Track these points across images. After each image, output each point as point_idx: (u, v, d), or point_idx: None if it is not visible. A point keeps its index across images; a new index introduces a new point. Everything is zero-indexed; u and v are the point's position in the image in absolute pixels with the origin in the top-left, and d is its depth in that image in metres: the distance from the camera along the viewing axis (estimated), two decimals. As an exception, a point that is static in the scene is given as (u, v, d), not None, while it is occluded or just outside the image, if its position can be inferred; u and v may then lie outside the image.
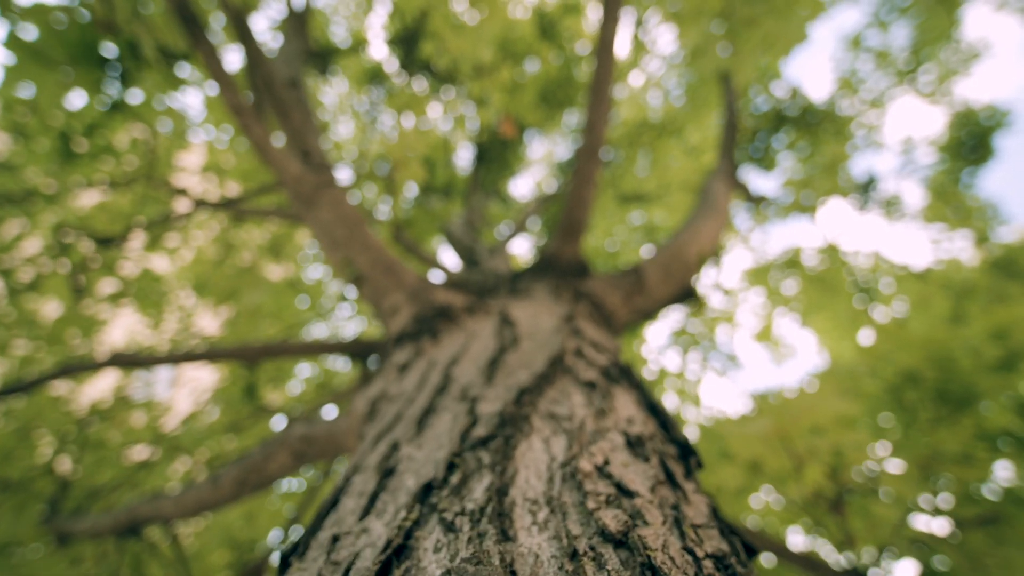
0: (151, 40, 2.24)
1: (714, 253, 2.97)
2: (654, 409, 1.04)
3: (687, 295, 2.63)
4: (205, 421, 3.94)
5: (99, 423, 3.64)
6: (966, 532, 2.49)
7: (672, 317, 5.12)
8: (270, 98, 2.24)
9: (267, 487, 1.82)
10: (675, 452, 0.86)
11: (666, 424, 0.97)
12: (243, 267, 3.89)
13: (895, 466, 2.82)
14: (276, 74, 2.38)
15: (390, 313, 1.92)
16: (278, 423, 4.36)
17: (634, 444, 0.79)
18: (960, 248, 5.83)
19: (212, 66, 1.92)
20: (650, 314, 2.56)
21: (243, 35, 2.32)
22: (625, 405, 0.98)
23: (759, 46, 2.97)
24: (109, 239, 2.72)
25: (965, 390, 3.11)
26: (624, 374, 1.24)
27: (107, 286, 3.95)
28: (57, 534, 2.80)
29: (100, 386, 5.06)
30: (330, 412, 3.82)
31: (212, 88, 3.71)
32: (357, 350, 2.37)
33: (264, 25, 4.57)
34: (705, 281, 4.80)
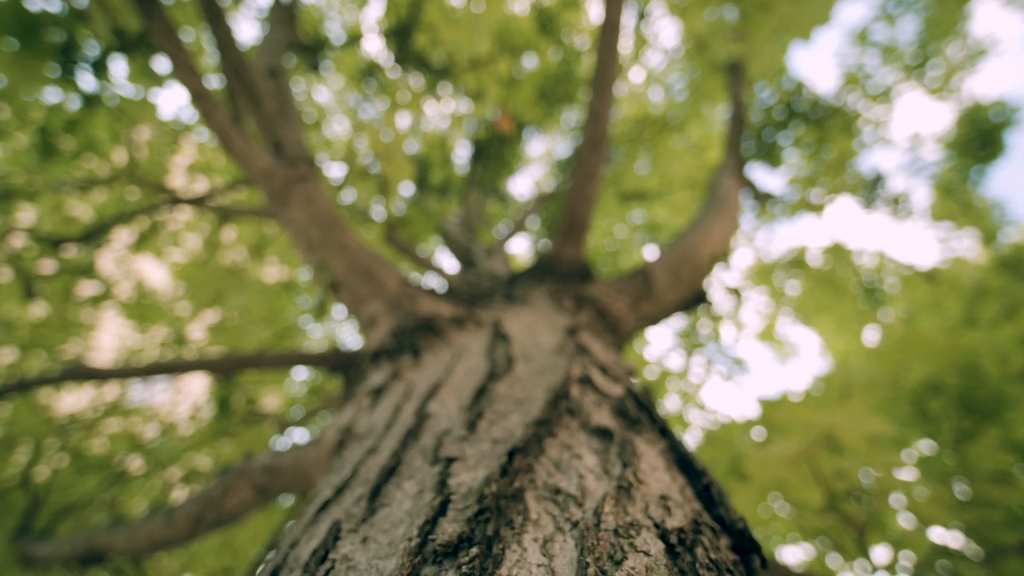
0: (106, 20, 1.96)
1: (725, 253, 2.70)
2: (689, 468, 0.76)
3: (698, 299, 2.35)
4: (188, 430, 3.67)
5: (78, 433, 3.37)
6: (1003, 558, 2.21)
7: (675, 318, 4.83)
8: (240, 86, 1.96)
9: (227, 524, 1.55)
10: (730, 551, 0.58)
11: (710, 494, 0.69)
12: (228, 269, 3.61)
13: (920, 481, 2.54)
14: (249, 60, 2.10)
15: (368, 324, 1.64)
16: (270, 429, 4.09)
17: (677, 551, 0.51)
18: (967, 247, 5.55)
19: (167, 45, 1.64)
20: (658, 320, 2.28)
21: (211, 15, 2.03)
22: (653, 468, 0.70)
23: (775, 32, 2.68)
24: (62, 241, 2.44)
25: (992, 399, 2.83)
26: (643, 410, 0.96)
27: (87, 289, 3.67)
28: (22, 556, 2.53)
29: (90, 392, 4.78)
30: (318, 429, 3.55)
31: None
32: (339, 362, 2.09)
33: (251, 14, 4.27)
34: (716, 284, 4.49)
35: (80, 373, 2.16)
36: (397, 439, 0.86)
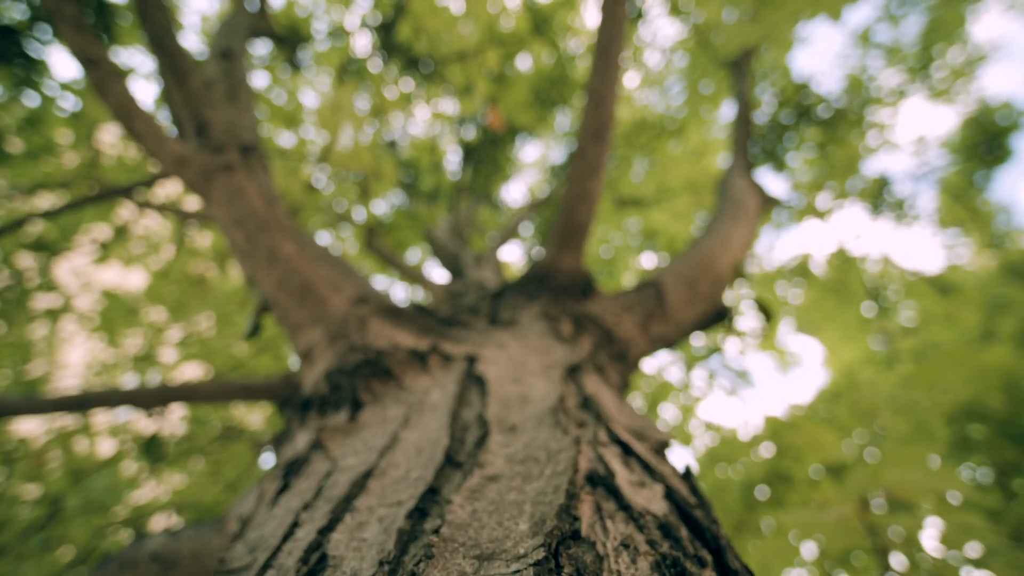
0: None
1: (743, 262, 2.28)
2: None
3: (718, 316, 1.92)
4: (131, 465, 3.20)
5: (23, 462, 2.91)
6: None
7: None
8: (162, 56, 1.51)
9: (108, 631, 1.11)
10: None
11: None
12: (194, 278, 3.15)
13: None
14: (177, 26, 1.67)
15: (305, 358, 1.20)
16: (258, 436, 3.64)
17: None
18: (974, 253, 5.15)
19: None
20: (673, 343, 1.85)
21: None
22: None
23: (797, 11, 2.27)
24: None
25: (1041, 426, 2.40)
26: (702, 544, 0.52)
27: (43, 303, 3.22)
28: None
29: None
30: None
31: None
32: (288, 394, 1.64)
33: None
34: (737, 297, 3.93)
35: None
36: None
